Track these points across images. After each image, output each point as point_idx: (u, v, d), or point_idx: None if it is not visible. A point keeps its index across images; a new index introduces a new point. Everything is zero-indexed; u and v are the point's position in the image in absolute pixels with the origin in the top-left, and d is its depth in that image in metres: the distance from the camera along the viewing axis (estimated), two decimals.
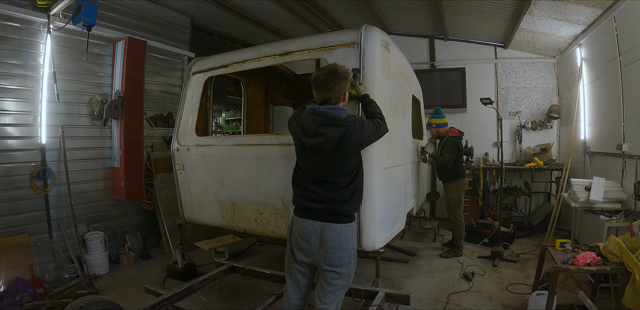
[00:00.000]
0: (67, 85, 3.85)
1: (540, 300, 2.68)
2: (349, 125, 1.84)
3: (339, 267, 1.93)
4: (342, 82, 1.88)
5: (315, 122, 1.85)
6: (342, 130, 1.83)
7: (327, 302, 1.96)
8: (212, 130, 4.40)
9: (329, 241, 1.89)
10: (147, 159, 4.66)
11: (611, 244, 2.44)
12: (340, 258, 1.92)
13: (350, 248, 1.95)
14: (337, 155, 1.87)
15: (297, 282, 2.07)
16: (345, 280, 1.99)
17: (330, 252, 1.90)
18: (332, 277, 1.96)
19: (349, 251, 1.94)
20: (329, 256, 1.90)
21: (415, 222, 5.84)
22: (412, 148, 3.75)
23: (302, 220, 1.97)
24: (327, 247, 1.89)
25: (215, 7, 5.22)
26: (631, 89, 3.57)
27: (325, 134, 1.82)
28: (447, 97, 6.32)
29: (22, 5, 3.43)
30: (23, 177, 3.51)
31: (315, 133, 1.85)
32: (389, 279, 3.68)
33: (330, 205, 1.90)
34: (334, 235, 1.89)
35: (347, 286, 2.03)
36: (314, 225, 1.92)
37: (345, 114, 1.88)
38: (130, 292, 3.39)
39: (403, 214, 3.25)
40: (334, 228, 1.90)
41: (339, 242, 1.90)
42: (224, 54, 3.32)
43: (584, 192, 3.71)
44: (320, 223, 1.91)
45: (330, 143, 1.83)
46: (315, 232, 1.91)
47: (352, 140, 1.86)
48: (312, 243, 1.93)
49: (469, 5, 4.83)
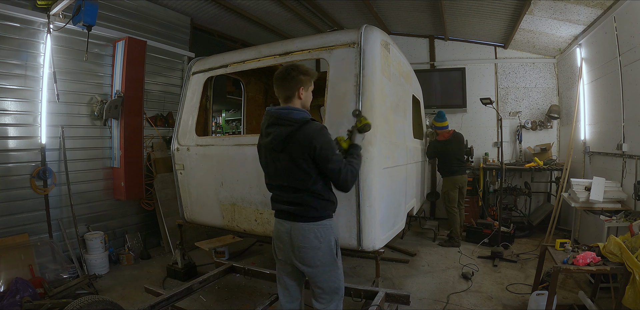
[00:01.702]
0: (67, 85, 3.85)
1: (540, 300, 2.68)
2: (297, 126, 1.75)
3: (315, 266, 1.85)
4: (299, 76, 1.81)
5: (265, 122, 1.86)
6: (288, 130, 1.75)
7: (323, 302, 1.93)
8: (212, 130, 4.40)
9: (297, 240, 1.84)
10: (147, 159, 4.66)
11: (611, 244, 2.43)
12: (314, 257, 1.84)
13: (324, 247, 1.84)
14: (288, 158, 1.78)
15: (285, 285, 2.03)
16: (330, 281, 1.92)
17: (303, 252, 1.84)
18: (315, 279, 1.91)
19: (322, 249, 1.84)
20: (302, 256, 1.85)
21: (415, 222, 5.83)
22: (413, 148, 3.74)
23: (276, 220, 1.95)
24: (297, 247, 1.84)
25: (215, 7, 5.22)
26: (631, 89, 3.57)
27: (272, 132, 1.81)
28: (447, 97, 6.32)
29: (22, 5, 3.43)
30: (23, 177, 3.51)
31: (266, 133, 1.86)
32: (389, 279, 3.68)
33: (296, 207, 1.84)
34: (302, 234, 1.83)
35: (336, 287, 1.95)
36: (284, 225, 1.88)
37: (299, 115, 1.78)
38: (130, 292, 3.39)
39: (403, 214, 3.25)
40: (301, 227, 1.83)
41: (308, 241, 1.82)
42: (224, 54, 3.32)
43: (584, 192, 3.71)
44: (290, 223, 1.86)
45: (277, 142, 1.78)
46: (287, 231, 1.87)
47: (299, 143, 1.73)
48: (285, 243, 1.89)
49: (469, 5, 4.83)
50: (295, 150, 1.75)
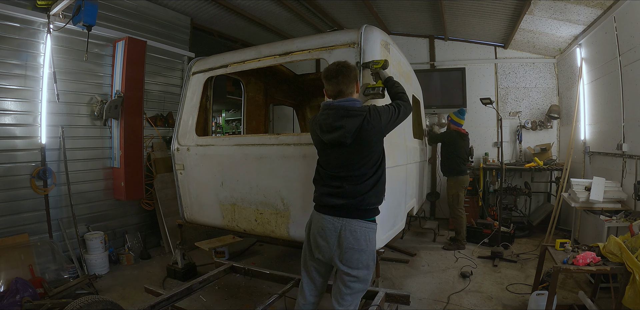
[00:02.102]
0: (67, 85, 3.85)
1: (540, 300, 2.68)
2: (365, 114, 1.82)
3: (357, 269, 1.87)
4: (354, 72, 1.91)
5: (331, 117, 1.84)
6: (359, 120, 1.80)
7: (344, 304, 1.91)
8: (212, 130, 4.40)
9: (347, 241, 1.83)
10: (147, 159, 4.66)
11: (611, 244, 2.44)
12: (359, 260, 1.86)
13: (370, 250, 1.88)
14: (358, 147, 1.84)
15: (313, 279, 2.05)
16: (362, 284, 1.93)
17: (349, 253, 1.84)
18: (350, 280, 1.90)
19: (367, 253, 1.87)
20: (347, 257, 1.85)
21: (415, 222, 5.84)
22: (413, 148, 3.74)
23: (322, 217, 1.91)
24: (346, 248, 1.84)
25: (215, 7, 5.22)
26: (631, 89, 3.57)
27: (343, 126, 1.80)
28: (447, 97, 6.32)
29: (22, 5, 3.43)
30: (23, 177, 3.51)
31: (333, 127, 1.83)
32: (389, 279, 3.68)
33: (353, 200, 1.84)
34: (353, 236, 1.83)
35: (364, 290, 1.97)
36: (334, 224, 1.86)
37: (360, 104, 1.89)
38: (130, 292, 3.39)
39: (403, 214, 3.25)
40: (354, 228, 1.84)
41: (358, 243, 1.84)
42: (224, 54, 3.32)
43: (584, 192, 3.71)
44: (341, 220, 1.85)
45: (350, 135, 1.81)
46: (335, 230, 1.85)
47: (370, 130, 1.82)
48: (331, 242, 1.87)
49: (469, 5, 4.83)
50: (370, 136, 1.83)
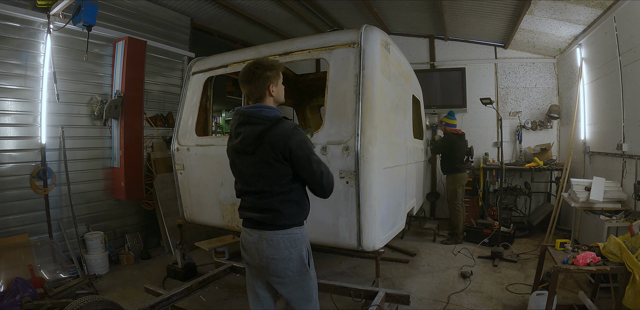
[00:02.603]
0: (67, 85, 3.85)
1: (540, 300, 2.68)
2: (268, 124, 1.63)
3: (285, 277, 1.73)
4: (265, 73, 1.69)
5: (235, 122, 1.74)
6: (259, 129, 1.63)
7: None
8: (212, 130, 4.40)
9: (266, 252, 1.69)
10: (147, 159, 4.66)
11: (611, 244, 2.43)
12: (285, 268, 1.71)
13: (295, 257, 1.71)
14: (259, 159, 1.66)
15: (257, 296, 1.88)
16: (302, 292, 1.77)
17: (272, 263, 1.70)
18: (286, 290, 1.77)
19: (293, 260, 1.71)
20: (271, 267, 1.70)
21: (415, 222, 5.84)
22: (413, 148, 3.75)
23: (243, 230, 1.81)
24: (267, 258, 1.70)
25: (215, 7, 5.22)
26: (631, 89, 3.57)
27: (242, 132, 1.67)
28: (447, 97, 6.33)
29: (22, 5, 3.43)
30: (23, 177, 3.51)
31: (236, 133, 1.72)
32: (389, 279, 3.68)
33: (264, 215, 1.70)
34: (270, 245, 1.69)
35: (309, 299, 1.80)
36: (252, 235, 1.74)
37: (271, 113, 1.68)
38: (130, 292, 3.39)
39: (403, 214, 3.26)
40: (270, 237, 1.69)
41: (277, 252, 1.68)
42: (224, 54, 3.32)
43: (584, 192, 3.71)
44: (258, 232, 1.72)
45: (247, 142, 1.65)
46: (254, 242, 1.72)
47: (272, 144, 1.61)
48: (253, 254, 1.74)
49: (469, 5, 4.83)
50: (268, 151, 1.62)
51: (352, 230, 2.49)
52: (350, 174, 2.39)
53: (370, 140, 2.37)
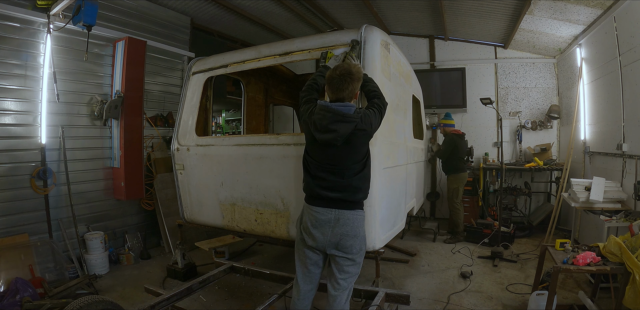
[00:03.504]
0: (67, 85, 3.85)
1: (540, 300, 2.68)
2: (357, 121, 1.92)
3: (352, 254, 2.02)
4: (356, 83, 1.96)
5: (326, 119, 1.92)
6: (351, 126, 1.91)
7: (339, 289, 2.05)
8: (212, 130, 4.39)
9: (342, 229, 1.97)
10: (147, 159, 4.66)
11: (611, 244, 2.43)
12: (353, 245, 2.00)
13: (362, 235, 2.05)
14: (347, 148, 1.95)
15: (309, 272, 2.13)
16: (356, 268, 2.08)
17: (344, 240, 1.98)
18: (346, 264, 2.03)
19: (360, 238, 2.03)
20: (342, 243, 1.98)
21: (415, 222, 5.83)
22: (413, 148, 3.74)
23: (313, 210, 2.03)
24: (341, 235, 1.98)
25: (215, 7, 5.22)
26: (631, 89, 3.57)
27: (337, 130, 1.90)
28: (447, 97, 6.32)
29: (22, 5, 3.43)
30: (23, 177, 3.51)
31: (327, 129, 1.92)
32: (389, 279, 3.68)
33: (342, 193, 1.97)
34: (347, 223, 1.98)
35: (357, 274, 2.11)
36: (327, 215, 1.99)
37: (354, 109, 1.96)
38: (130, 292, 3.39)
39: (403, 214, 3.25)
40: (347, 216, 1.98)
41: (352, 229, 1.98)
42: (224, 54, 3.31)
43: (584, 192, 3.71)
44: (334, 211, 1.98)
45: (341, 138, 1.92)
46: (329, 221, 1.98)
47: (361, 134, 1.95)
48: (326, 232, 1.99)
49: (469, 5, 4.83)
50: (360, 139, 1.96)
51: None
52: None
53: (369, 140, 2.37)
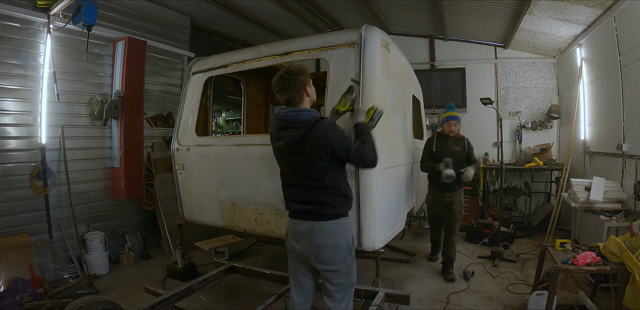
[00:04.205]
0: (67, 85, 3.85)
1: (540, 300, 2.68)
2: (308, 127, 1.77)
3: (334, 264, 1.89)
4: (299, 77, 1.83)
5: (276, 126, 1.88)
6: (300, 133, 1.77)
7: (335, 300, 1.96)
8: (212, 130, 4.40)
9: (317, 240, 1.85)
10: (147, 159, 4.66)
11: (611, 244, 2.43)
12: (333, 255, 1.88)
13: (343, 245, 1.89)
14: (303, 158, 1.81)
15: (300, 284, 2.05)
16: (346, 278, 1.95)
17: (322, 251, 1.86)
18: (332, 276, 1.92)
19: (341, 248, 1.89)
20: (321, 255, 1.87)
21: (415, 222, 5.83)
22: (413, 148, 3.74)
23: (292, 221, 1.97)
24: (318, 246, 1.86)
25: (215, 7, 5.22)
26: (631, 89, 3.57)
27: (284, 136, 1.82)
28: (447, 97, 6.31)
29: (22, 5, 3.43)
30: (23, 177, 3.51)
31: (277, 137, 1.87)
32: (389, 279, 3.68)
33: (312, 206, 1.86)
34: (322, 234, 1.85)
35: (351, 284, 2.00)
36: (303, 226, 1.89)
37: (309, 115, 1.80)
38: (130, 292, 3.39)
39: (403, 214, 3.26)
40: (322, 226, 1.86)
41: (328, 240, 1.86)
42: (224, 54, 3.32)
43: (584, 192, 3.71)
44: (309, 222, 1.88)
45: (290, 145, 1.80)
46: (305, 232, 1.88)
47: (315, 144, 1.76)
48: (304, 243, 1.90)
49: (469, 5, 4.83)
50: (312, 151, 1.78)
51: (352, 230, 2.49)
52: (350, 174, 2.39)
53: None
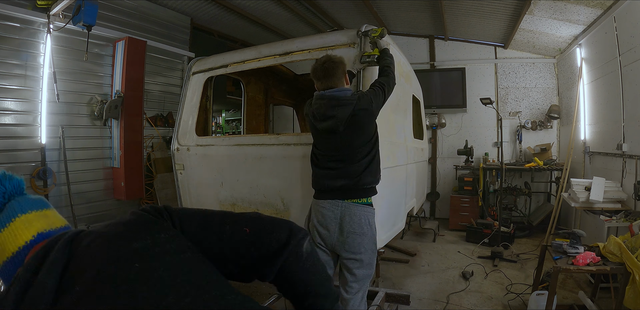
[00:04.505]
0: (67, 85, 3.85)
1: (540, 300, 2.68)
2: (355, 101, 1.89)
3: (359, 253, 1.90)
4: (341, 66, 1.94)
5: (323, 106, 1.92)
6: (350, 109, 1.87)
7: (351, 292, 1.95)
8: (212, 130, 4.39)
9: (349, 226, 1.87)
10: (147, 159, 4.66)
11: (611, 244, 2.43)
12: (360, 244, 1.89)
13: (371, 234, 1.93)
14: (351, 132, 1.90)
15: None
16: (367, 269, 1.96)
17: (350, 238, 1.88)
18: (354, 266, 1.93)
19: (369, 237, 1.92)
20: (349, 242, 1.88)
21: (415, 222, 5.83)
22: (413, 148, 3.74)
23: (320, 206, 1.95)
24: (347, 233, 1.87)
25: (215, 7, 5.22)
26: (631, 89, 3.57)
27: (335, 115, 1.87)
28: (447, 97, 6.32)
29: (22, 5, 3.43)
30: (23, 177, 3.48)
31: (325, 116, 1.90)
32: (389, 279, 3.68)
33: (351, 180, 1.89)
34: (354, 220, 1.87)
35: (369, 275, 2.00)
36: (333, 210, 1.90)
37: (350, 92, 1.94)
38: None
39: (403, 214, 3.25)
40: (353, 212, 1.88)
41: (359, 227, 1.88)
42: (224, 54, 3.31)
43: (584, 192, 3.71)
44: (341, 205, 1.89)
45: (342, 123, 1.88)
46: (335, 217, 1.90)
47: (362, 116, 1.90)
48: (332, 229, 1.91)
49: (469, 5, 4.83)
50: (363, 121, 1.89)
51: None
52: None
53: None
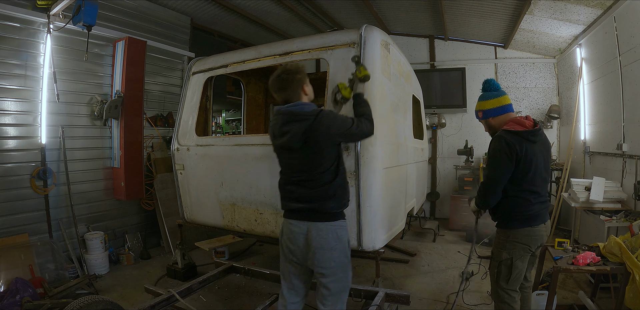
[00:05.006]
0: (67, 85, 3.85)
1: (540, 300, 2.68)
2: (312, 118, 1.79)
3: (329, 268, 1.86)
4: (297, 76, 1.86)
5: (279, 122, 1.87)
6: (305, 125, 1.78)
7: (327, 304, 1.91)
8: (212, 130, 4.40)
9: (315, 242, 1.82)
10: (147, 159, 4.66)
11: (611, 244, 2.44)
12: (330, 258, 1.84)
13: (340, 248, 1.86)
14: (309, 152, 1.82)
15: (293, 285, 2.01)
16: (340, 283, 1.92)
17: (318, 253, 1.83)
18: (327, 281, 1.89)
19: (338, 251, 1.86)
20: (317, 257, 1.83)
21: (415, 222, 5.83)
22: (413, 148, 3.75)
23: (288, 222, 1.93)
24: (315, 248, 1.82)
25: (215, 7, 5.22)
26: (631, 89, 3.57)
27: (289, 131, 1.82)
28: (447, 97, 6.32)
29: (22, 5, 3.43)
30: (23, 177, 3.51)
31: (281, 132, 1.86)
32: (389, 279, 3.68)
33: (313, 204, 1.84)
34: (320, 235, 1.82)
35: (345, 289, 1.96)
36: (300, 227, 1.86)
37: (309, 108, 1.86)
38: (130, 292, 3.39)
39: (403, 214, 3.25)
40: (319, 228, 1.83)
41: (326, 242, 1.83)
42: (224, 54, 3.32)
43: (584, 192, 3.71)
44: (306, 223, 1.85)
45: (296, 139, 1.80)
46: (302, 233, 1.85)
47: (320, 134, 1.79)
48: (300, 245, 1.87)
49: (469, 5, 4.83)
50: (318, 142, 1.80)
51: (352, 231, 2.49)
52: (351, 174, 2.39)
53: (370, 140, 2.37)
